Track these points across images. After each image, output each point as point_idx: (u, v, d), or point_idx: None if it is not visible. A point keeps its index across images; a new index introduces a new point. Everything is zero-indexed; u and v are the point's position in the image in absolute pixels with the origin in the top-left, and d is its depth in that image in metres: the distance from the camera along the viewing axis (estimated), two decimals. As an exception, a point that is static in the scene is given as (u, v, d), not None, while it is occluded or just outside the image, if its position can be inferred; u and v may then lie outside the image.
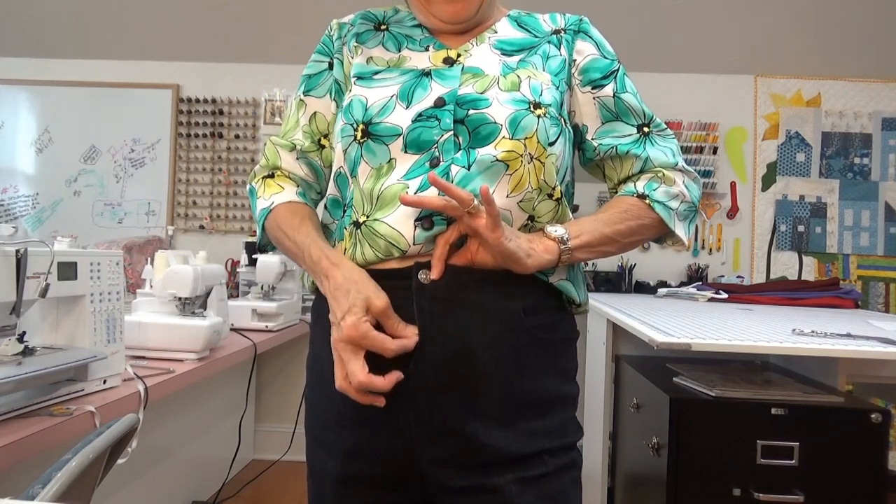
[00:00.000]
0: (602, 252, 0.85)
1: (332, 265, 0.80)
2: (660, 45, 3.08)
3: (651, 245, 3.14)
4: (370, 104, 0.84)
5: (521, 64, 0.88)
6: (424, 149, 0.81)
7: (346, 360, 0.75)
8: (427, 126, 0.81)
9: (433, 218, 0.78)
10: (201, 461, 2.53)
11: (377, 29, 0.95)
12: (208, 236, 3.28)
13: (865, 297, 3.09)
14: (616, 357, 2.14)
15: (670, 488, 1.42)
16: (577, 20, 0.97)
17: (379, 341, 0.74)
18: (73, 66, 3.32)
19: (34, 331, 1.23)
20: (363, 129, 0.83)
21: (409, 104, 0.83)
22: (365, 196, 0.82)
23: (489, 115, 0.81)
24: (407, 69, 0.88)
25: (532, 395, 0.81)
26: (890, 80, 3.12)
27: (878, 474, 1.38)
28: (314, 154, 0.95)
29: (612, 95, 0.92)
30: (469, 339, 0.78)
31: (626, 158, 0.91)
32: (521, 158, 0.79)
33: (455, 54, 0.89)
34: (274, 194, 0.92)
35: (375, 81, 0.87)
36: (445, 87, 0.84)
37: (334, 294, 0.78)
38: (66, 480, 0.70)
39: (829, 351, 1.31)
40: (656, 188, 0.88)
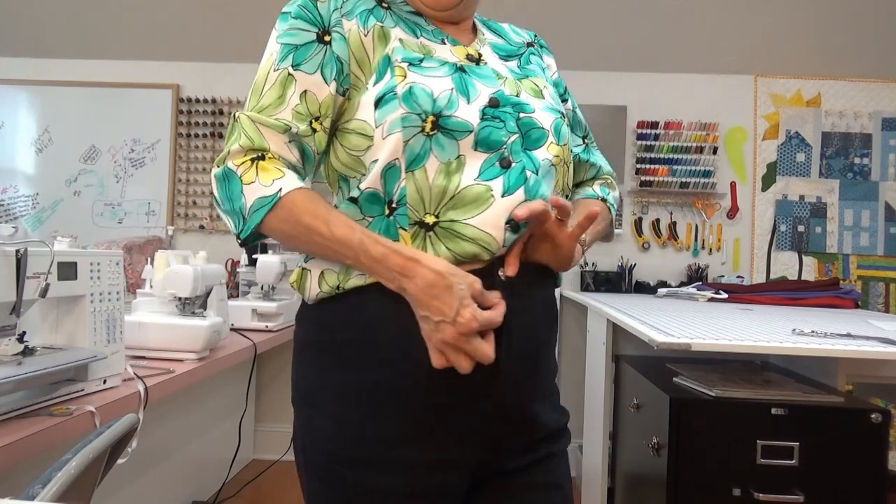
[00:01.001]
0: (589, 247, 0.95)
1: (409, 260, 0.74)
2: (660, 45, 3.08)
3: (651, 245, 3.15)
4: (437, 95, 0.78)
5: (527, 71, 0.91)
6: (494, 148, 0.80)
7: (475, 346, 0.74)
8: (495, 126, 0.80)
9: (518, 223, 0.79)
10: (201, 461, 2.53)
11: (381, 5, 0.88)
12: (208, 236, 3.28)
13: (865, 297, 3.09)
14: (616, 357, 2.14)
15: (670, 488, 1.42)
16: (535, 35, 1.02)
17: (490, 320, 0.75)
18: (73, 66, 3.32)
19: (34, 331, 1.23)
20: (433, 122, 0.77)
21: (469, 100, 0.80)
22: (433, 194, 0.78)
23: (537, 121, 0.84)
24: (443, 60, 0.83)
25: (552, 372, 0.90)
26: (890, 80, 3.12)
27: (878, 474, 1.38)
28: (309, 139, 0.82)
29: (572, 110, 1.02)
30: (537, 331, 0.84)
31: (583, 165, 1.03)
32: (563, 162, 0.86)
33: (476, 53, 0.88)
34: (276, 179, 0.78)
35: (427, 70, 0.81)
36: (489, 87, 0.83)
37: (430, 293, 0.73)
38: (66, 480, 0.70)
39: (829, 351, 1.31)
40: (609, 193, 1.03)
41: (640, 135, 3.13)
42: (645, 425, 1.70)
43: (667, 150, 3.11)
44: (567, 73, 3.25)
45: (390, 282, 0.76)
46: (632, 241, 3.16)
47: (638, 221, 3.16)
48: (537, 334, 0.84)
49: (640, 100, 3.16)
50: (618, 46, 3.10)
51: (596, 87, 3.18)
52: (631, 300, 2.49)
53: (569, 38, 3.06)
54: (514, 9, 2.87)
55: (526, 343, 0.82)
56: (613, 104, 3.16)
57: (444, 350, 0.75)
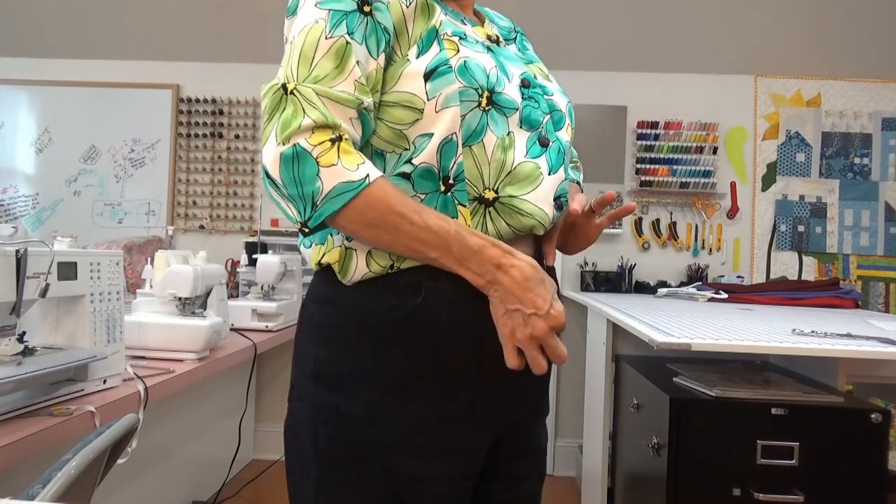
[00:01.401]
0: None
1: (507, 253, 0.74)
2: (660, 45, 3.08)
3: (651, 245, 3.15)
4: (488, 70, 0.78)
5: (529, 57, 0.94)
6: (535, 127, 0.82)
7: (556, 343, 0.74)
8: (533, 106, 0.83)
9: (562, 199, 0.84)
10: (201, 461, 2.53)
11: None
12: (208, 236, 3.28)
13: (865, 297, 3.09)
14: (616, 357, 2.14)
15: (670, 488, 1.42)
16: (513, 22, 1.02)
17: (555, 349, 0.76)
18: (73, 66, 3.32)
19: (34, 331, 1.23)
20: (488, 97, 0.77)
21: (509, 78, 0.81)
22: (492, 168, 0.77)
23: (556, 103, 0.88)
24: (474, 39, 0.83)
25: None
26: (890, 80, 3.12)
27: (878, 474, 1.38)
28: (371, 115, 0.76)
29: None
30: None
31: None
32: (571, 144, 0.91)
33: (494, 35, 0.89)
34: (361, 164, 0.71)
35: (473, 45, 0.80)
36: (517, 68, 0.85)
37: (526, 285, 0.72)
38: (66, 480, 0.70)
39: (829, 351, 1.31)
40: (578, 175, 1.06)
41: (640, 135, 3.13)
42: (645, 425, 1.70)
43: (667, 150, 3.11)
44: (567, 73, 3.25)
45: (482, 275, 0.73)
46: (632, 241, 3.16)
47: (638, 221, 3.16)
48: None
49: (640, 100, 3.16)
50: (618, 46, 3.10)
51: (596, 87, 3.18)
52: (631, 300, 2.49)
53: (569, 38, 3.06)
54: (515, 8, 2.87)
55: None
56: (613, 104, 3.16)
57: (528, 347, 0.74)
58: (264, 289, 2.49)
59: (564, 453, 3.13)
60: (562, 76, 3.29)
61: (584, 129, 3.13)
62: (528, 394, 0.85)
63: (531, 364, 0.74)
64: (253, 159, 3.26)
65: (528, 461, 0.91)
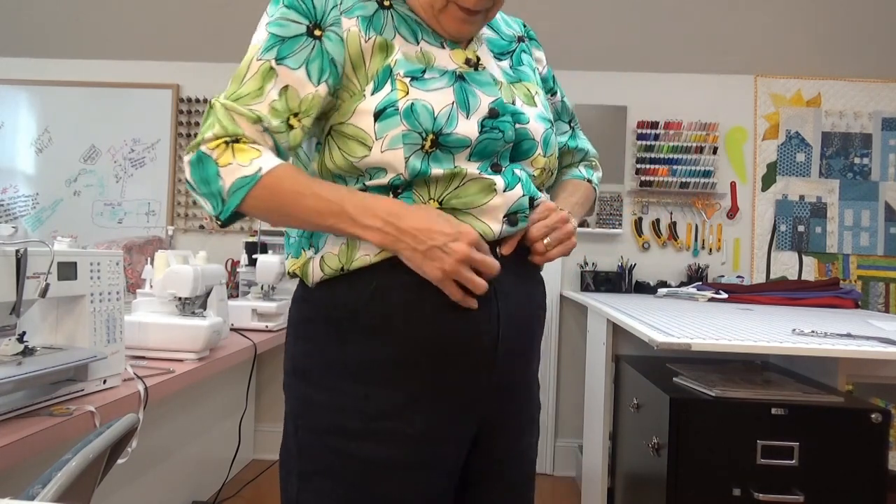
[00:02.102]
0: None
1: (401, 203, 0.78)
2: (660, 45, 3.08)
3: (651, 245, 3.15)
4: (437, 112, 0.79)
5: (518, 74, 0.92)
6: (487, 157, 0.83)
7: (481, 258, 0.77)
8: (493, 138, 0.82)
9: (519, 215, 0.83)
10: (201, 461, 2.53)
11: (382, 6, 0.85)
12: (208, 236, 3.28)
13: (865, 297, 3.09)
14: (616, 357, 2.14)
15: (670, 488, 1.42)
16: (524, 25, 1.03)
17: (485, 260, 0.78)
18: (73, 66, 3.32)
19: (34, 331, 1.23)
20: (433, 140, 0.79)
21: (468, 113, 0.81)
22: (437, 189, 0.81)
23: (530, 131, 0.86)
24: (443, 69, 0.83)
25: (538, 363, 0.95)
26: (890, 80, 3.12)
27: (878, 474, 1.38)
28: (282, 136, 0.81)
29: (560, 100, 1.07)
30: (534, 305, 0.89)
31: (571, 152, 1.09)
32: (544, 172, 0.90)
33: (474, 56, 0.87)
34: (255, 159, 0.77)
35: (428, 83, 0.81)
36: (489, 95, 0.84)
37: (428, 220, 0.76)
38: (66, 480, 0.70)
39: (829, 351, 1.31)
40: (593, 174, 1.10)
41: (640, 135, 3.13)
42: (645, 425, 1.70)
43: (667, 150, 3.11)
44: (567, 73, 3.25)
45: (382, 228, 0.76)
46: (632, 241, 3.16)
47: (638, 221, 3.16)
48: (531, 311, 0.88)
49: (640, 100, 3.16)
50: (618, 46, 3.10)
51: (596, 87, 3.18)
52: (631, 300, 2.49)
53: (569, 38, 3.06)
54: (515, 8, 2.87)
55: (521, 312, 0.85)
56: (613, 104, 3.16)
57: (460, 273, 0.76)
58: (264, 289, 2.49)
59: (564, 453, 3.13)
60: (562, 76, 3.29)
61: (584, 129, 3.12)
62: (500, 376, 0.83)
63: (470, 286, 0.77)
64: (253, 159, 3.26)
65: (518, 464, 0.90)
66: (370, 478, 0.79)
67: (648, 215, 3.16)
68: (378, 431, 0.79)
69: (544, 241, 0.84)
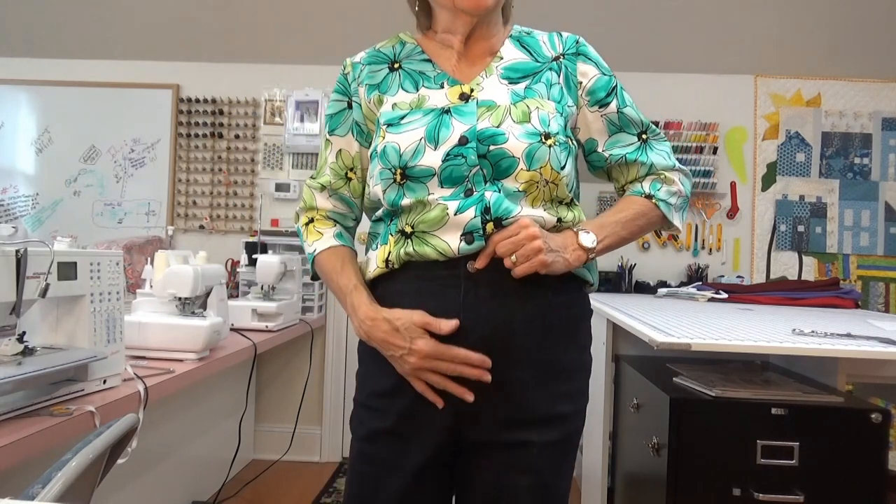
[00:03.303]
0: (619, 245, 1.04)
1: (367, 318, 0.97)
2: (660, 45, 3.08)
3: (651, 245, 3.15)
4: (403, 150, 0.94)
5: (528, 92, 0.99)
6: (458, 182, 0.94)
7: (445, 366, 0.92)
8: (456, 164, 0.93)
9: (474, 234, 0.92)
10: (201, 461, 2.53)
11: (392, 69, 1.05)
12: (208, 236, 3.28)
13: (865, 297, 3.09)
14: (616, 357, 2.14)
15: (670, 488, 1.42)
16: (574, 42, 1.07)
17: (447, 350, 0.91)
18: (73, 66, 3.32)
19: (34, 331, 1.23)
20: (401, 173, 0.95)
21: (437, 145, 0.94)
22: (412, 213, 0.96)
23: (507, 150, 0.93)
24: (429, 109, 0.97)
25: (559, 364, 0.97)
26: (890, 80, 3.12)
27: (878, 474, 1.38)
28: (343, 188, 1.09)
29: (616, 111, 1.06)
30: (512, 317, 0.94)
31: (633, 165, 1.07)
32: (538, 184, 0.94)
33: (468, 89, 0.99)
34: (315, 241, 1.08)
35: (403, 126, 0.96)
36: (465, 124, 0.95)
37: (383, 338, 0.94)
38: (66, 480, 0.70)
39: (829, 351, 1.31)
40: (660, 188, 1.06)
41: (640, 135, 3.13)
42: (645, 425, 1.70)
43: (667, 150, 3.11)
44: (567, 73, 3.22)
45: (358, 328, 0.99)
46: (632, 241, 3.16)
47: (638, 221, 3.15)
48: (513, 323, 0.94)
49: (640, 100, 3.14)
50: (618, 46, 3.10)
51: (596, 87, 3.17)
52: (631, 300, 2.49)
53: (569, 38, 3.06)
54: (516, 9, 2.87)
55: (494, 328, 0.93)
56: (613, 104, 3.16)
57: (415, 379, 0.94)
58: (264, 289, 2.49)
59: (564, 453, 3.13)
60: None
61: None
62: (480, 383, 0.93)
63: (437, 384, 0.93)
64: (253, 159, 3.26)
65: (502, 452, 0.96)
66: (369, 443, 1.00)
67: (648, 215, 3.16)
68: (374, 406, 1.00)
69: (511, 257, 0.90)
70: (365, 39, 3.49)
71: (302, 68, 3.24)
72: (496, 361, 0.93)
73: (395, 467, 0.97)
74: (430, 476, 0.98)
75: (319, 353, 3.20)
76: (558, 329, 0.97)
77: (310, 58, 3.22)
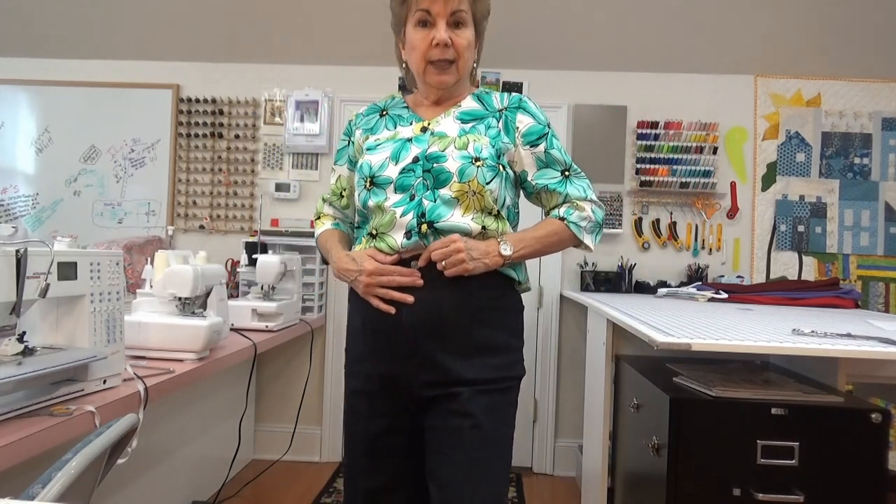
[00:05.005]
0: (535, 256, 1.33)
1: (339, 259, 1.34)
2: (660, 45, 3.08)
3: (651, 245, 3.15)
4: (373, 164, 1.30)
5: (472, 130, 1.31)
6: (406, 189, 1.26)
7: (387, 280, 1.23)
8: (407, 176, 1.27)
9: (412, 232, 1.25)
10: (201, 461, 2.53)
11: (381, 115, 1.39)
12: (208, 236, 3.28)
13: (865, 297, 3.09)
14: (616, 357, 2.14)
15: (670, 488, 1.43)
16: (518, 100, 1.37)
17: (386, 268, 1.24)
18: (73, 66, 3.32)
19: (34, 331, 1.23)
20: (370, 181, 1.29)
21: (397, 162, 1.28)
22: (376, 218, 1.29)
23: (446, 167, 1.25)
24: (398, 139, 1.32)
25: (486, 342, 1.26)
26: (890, 80, 3.12)
27: (878, 474, 1.38)
28: (338, 202, 1.49)
29: (544, 151, 1.34)
30: (441, 302, 1.24)
31: (553, 194, 1.36)
32: (467, 194, 1.25)
33: (427, 124, 1.33)
34: (318, 229, 1.52)
35: (376, 150, 1.32)
36: (420, 148, 1.28)
37: (341, 266, 1.31)
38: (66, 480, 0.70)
39: (829, 351, 1.32)
40: (572, 213, 1.33)
41: (640, 135, 3.13)
42: (645, 425, 1.70)
43: (667, 150, 3.11)
44: (567, 73, 3.25)
45: (335, 270, 1.34)
46: (632, 241, 3.16)
47: (638, 221, 3.16)
48: (442, 308, 1.23)
49: (640, 100, 3.16)
50: (618, 46, 3.10)
51: (596, 87, 3.18)
52: (631, 300, 2.49)
53: (569, 38, 3.06)
54: (517, 9, 2.87)
55: (426, 310, 1.23)
56: (613, 104, 3.16)
57: (369, 295, 1.26)
58: (264, 289, 2.49)
59: (564, 453, 3.13)
60: (562, 76, 3.29)
61: (584, 129, 3.14)
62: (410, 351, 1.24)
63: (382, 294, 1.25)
64: (253, 159, 3.26)
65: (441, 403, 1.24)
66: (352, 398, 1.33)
67: (648, 215, 3.16)
68: (355, 372, 1.33)
69: (442, 262, 1.21)
70: (365, 39, 3.51)
71: (302, 68, 3.24)
72: (430, 340, 1.23)
73: (368, 415, 1.29)
74: (398, 423, 1.29)
75: (319, 353, 3.21)
76: (486, 316, 1.26)
77: (310, 58, 3.22)
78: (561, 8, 2.95)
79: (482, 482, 1.21)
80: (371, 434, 1.28)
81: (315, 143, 3.18)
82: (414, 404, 1.27)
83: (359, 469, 1.30)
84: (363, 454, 1.30)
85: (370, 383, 1.29)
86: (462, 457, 1.21)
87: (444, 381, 1.23)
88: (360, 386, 1.30)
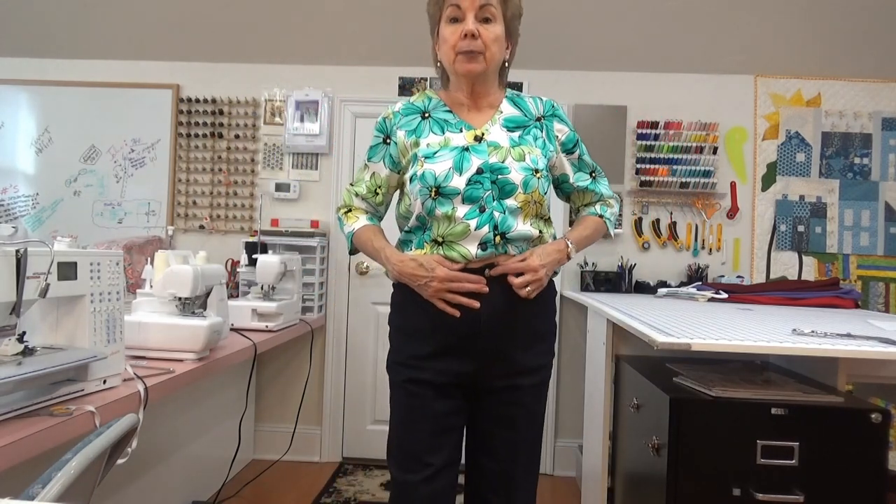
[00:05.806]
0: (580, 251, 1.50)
1: (396, 260, 1.39)
2: (660, 45, 3.08)
3: (651, 245, 3.15)
4: (437, 174, 1.34)
5: (522, 140, 1.41)
6: (475, 201, 1.34)
7: (457, 286, 1.32)
8: (475, 188, 1.34)
9: (487, 244, 1.34)
10: (201, 461, 2.53)
11: (423, 118, 1.44)
12: (208, 236, 3.28)
13: (865, 297, 3.09)
14: (616, 357, 2.14)
15: (670, 488, 1.43)
16: (550, 107, 1.49)
17: (457, 275, 1.32)
18: (73, 66, 3.32)
19: (34, 331, 1.23)
20: (435, 191, 1.34)
21: (461, 172, 1.34)
22: (441, 228, 1.35)
23: (510, 179, 1.35)
24: (453, 147, 1.38)
25: (541, 329, 1.43)
26: (890, 80, 3.12)
27: (878, 474, 1.38)
28: (371, 199, 1.52)
29: (578, 157, 1.53)
30: (512, 301, 1.34)
31: (587, 193, 1.55)
32: (529, 203, 1.36)
33: (480, 133, 1.40)
34: (353, 223, 1.52)
35: (436, 159, 1.36)
36: (480, 159, 1.35)
37: (406, 272, 1.36)
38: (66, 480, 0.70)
39: (829, 351, 1.32)
40: (607, 210, 1.55)
41: (640, 135, 3.13)
42: (645, 425, 1.70)
43: (667, 150, 3.11)
44: (567, 73, 3.24)
45: (392, 270, 1.40)
46: (632, 241, 3.16)
47: (638, 221, 3.16)
48: (513, 305, 1.35)
49: (640, 100, 3.16)
50: (618, 46, 3.10)
51: (596, 87, 3.18)
52: (631, 300, 2.49)
53: (569, 38, 3.06)
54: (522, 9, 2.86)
55: (500, 309, 1.34)
56: (613, 104, 3.16)
57: (437, 300, 1.34)
58: (264, 289, 2.49)
59: (564, 453, 3.13)
60: (562, 76, 3.29)
61: (584, 129, 3.13)
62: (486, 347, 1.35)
63: (450, 299, 1.32)
64: (253, 159, 3.26)
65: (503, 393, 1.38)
66: (412, 385, 1.38)
67: (648, 215, 3.16)
68: (414, 365, 1.38)
69: (525, 289, 1.34)
70: (365, 39, 3.51)
71: (302, 68, 3.24)
72: (504, 334, 1.35)
73: (436, 396, 1.37)
74: (461, 403, 1.40)
75: (319, 353, 3.21)
76: (539, 307, 1.40)
77: (310, 58, 3.22)
78: (561, 8, 2.95)
79: (531, 459, 1.43)
80: (439, 413, 1.37)
81: (315, 143, 3.18)
82: (477, 390, 1.39)
83: (424, 448, 1.37)
84: (430, 433, 1.37)
85: (441, 376, 1.37)
86: (517, 437, 1.40)
87: (512, 371, 1.37)
88: (428, 377, 1.37)
